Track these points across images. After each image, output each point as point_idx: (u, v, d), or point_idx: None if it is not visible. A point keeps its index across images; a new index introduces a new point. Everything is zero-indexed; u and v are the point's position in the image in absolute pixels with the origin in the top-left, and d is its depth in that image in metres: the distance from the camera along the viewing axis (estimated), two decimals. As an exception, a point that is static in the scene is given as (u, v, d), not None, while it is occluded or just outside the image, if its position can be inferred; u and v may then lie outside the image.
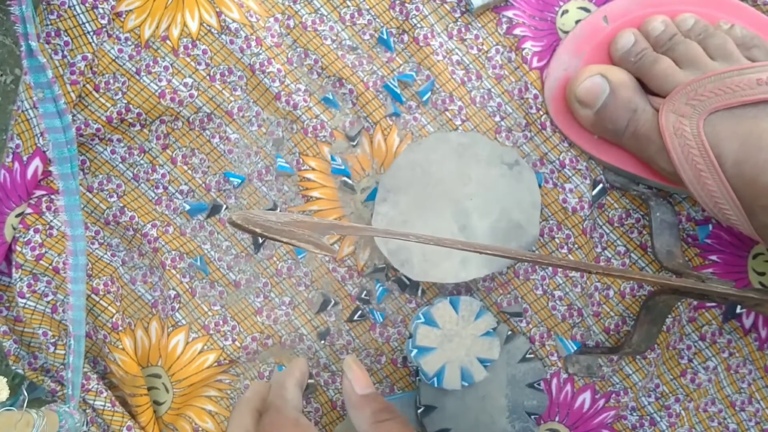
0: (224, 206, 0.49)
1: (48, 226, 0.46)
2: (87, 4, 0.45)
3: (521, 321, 0.47)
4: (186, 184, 0.49)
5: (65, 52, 0.45)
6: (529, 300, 0.47)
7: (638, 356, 0.47)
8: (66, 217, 0.46)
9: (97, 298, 0.47)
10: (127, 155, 0.48)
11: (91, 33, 0.45)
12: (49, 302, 0.47)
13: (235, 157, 0.48)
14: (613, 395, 0.48)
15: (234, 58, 0.47)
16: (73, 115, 0.46)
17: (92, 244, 0.49)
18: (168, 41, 0.47)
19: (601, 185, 0.46)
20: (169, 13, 0.47)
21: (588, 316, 0.47)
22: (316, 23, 0.47)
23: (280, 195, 0.48)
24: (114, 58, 0.46)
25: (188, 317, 0.49)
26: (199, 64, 0.47)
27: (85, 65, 0.45)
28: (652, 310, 0.44)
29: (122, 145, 0.48)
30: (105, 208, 0.48)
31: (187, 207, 0.48)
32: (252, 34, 0.46)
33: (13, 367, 0.47)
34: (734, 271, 0.47)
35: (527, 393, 0.45)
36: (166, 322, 0.49)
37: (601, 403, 0.48)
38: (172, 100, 0.47)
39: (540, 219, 0.45)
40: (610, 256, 0.47)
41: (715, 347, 0.47)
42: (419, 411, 0.45)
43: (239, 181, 0.48)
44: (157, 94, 0.47)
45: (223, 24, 0.46)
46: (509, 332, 0.45)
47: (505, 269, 0.47)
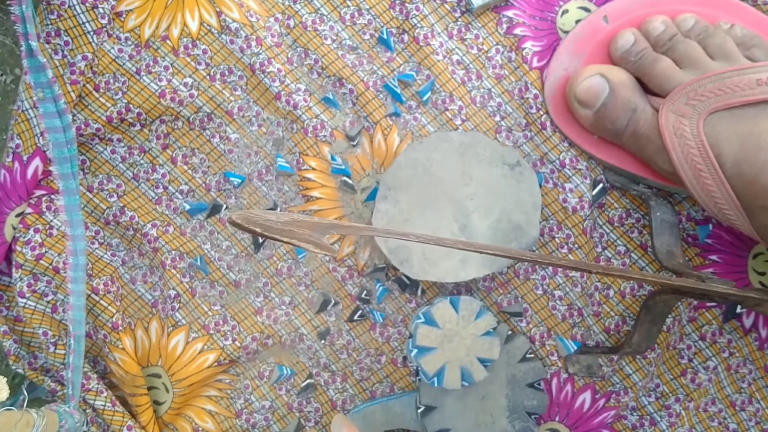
0: (224, 206, 0.49)
1: (48, 226, 0.46)
2: (87, 4, 0.45)
3: (521, 321, 0.47)
4: (186, 183, 0.49)
5: (65, 52, 0.45)
6: (529, 300, 0.47)
7: (638, 356, 0.47)
8: (66, 216, 0.46)
9: (97, 298, 0.47)
10: (127, 155, 0.48)
11: (91, 33, 0.45)
12: (49, 302, 0.47)
13: (235, 157, 0.48)
14: (613, 395, 0.48)
15: (234, 58, 0.47)
16: (73, 115, 0.46)
17: (92, 243, 0.49)
18: (168, 41, 0.47)
19: (601, 185, 0.46)
20: (169, 12, 0.47)
21: (588, 315, 0.47)
22: (316, 23, 0.47)
23: (280, 195, 0.48)
24: (114, 57, 0.46)
25: (188, 317, 0.49)
26: (199, 63, 0.47)
27: (86, 65, 0.45)
28: (653, 310, 0.44)
29: (122, 144, 0.48)
30: (105, 207, 0.48)
31: (187, 207, 0.48)
32: (252, 34, 0.46)
33: (14, 367, 0.47)
34: (734, 270, 0.46)
35: (527, 393, 0.45)
36: (166, 321, 0.49)
37: (601, 402, 0.48)
38: (172, 99, 0.47)
39: (540, 219, 0.45)
40: (610, 255, 0.47)
41: (716, 347, 0.47)
42: (419, 411, 0.45)
43: (239, 180, 0.48)
44: (157, 93, 0.47)
45: (223, 24, 0.46)
46: (509, 332, 0.45)
47: (505, 269, 0.47)
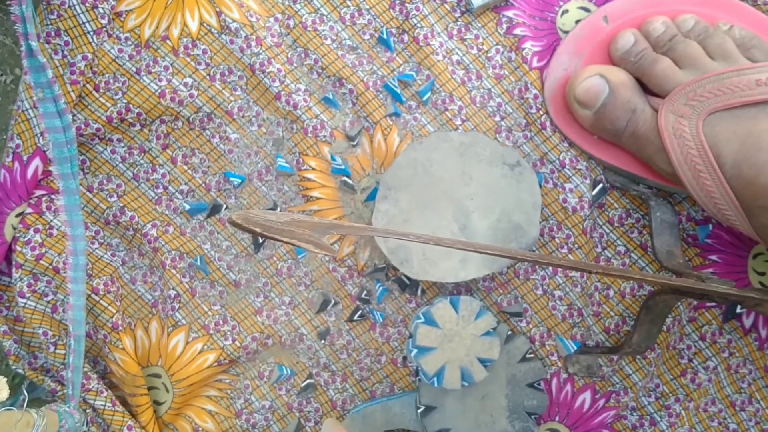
0: (224, 206, 0.49)
1: (48, 226, 0.46)
2: (87, 4, 0.45)
3: (521, 321, 0.47)
4: (186, 183, 0.49)
5: (65, 52, 0.45)
6: (529, 300, 0.47)
7: (638, 356, 0.47)
8: (66, 216, 0.46)
9: (97, 298, 0.47)
10: (127, 155, 0.48)
11: (91, 33, 0.45)
12: (49, 302, 0.47)
13: (235, 157, 0.48)
14: (613, 395, 0.48)
15: (234, 58, 0.47)
16: (73, 115, 0.46)
17: (92, 243, 0.49)
18: (168, 41, 0.47)
19: (601, 185, 0.46)
20: (169, 12, 0.47)
21: (588, 315, 0.47)
22: (316, 23, 0.47)
23: (280, 195, 0.48)
24: (114, 57, 0.46)
25: (188, 317, 0.49)
26: (199, 63, 0.47)
27: (85, 65, 0.45)
28: (652, 310, 0.44)
29: (122, 144, 0.48)
30: (105, 207, 0.48)
31: (187, 207, 0.48)
32: (252, 34, 0.46)
33: (14, 367, 0.47)
34: (734, 271, 0.46)
35: (527, 393, 0.45)
36: (166, 321, 0.49)
37: (601, 402, 0.48)
38: (172, 99, 0.47)
39: (540, 219, 0.45)
40: (610, 255, 0.47)
41: (715, 347, 0.47)
42: (419, 411, 0.45)
43: (239, 180, 0.48)
44: (157, 93, 0.47)
45: (223, 24, 0.46)
46: (509, 332, 0.45)
47: (505, 269, 0.47)
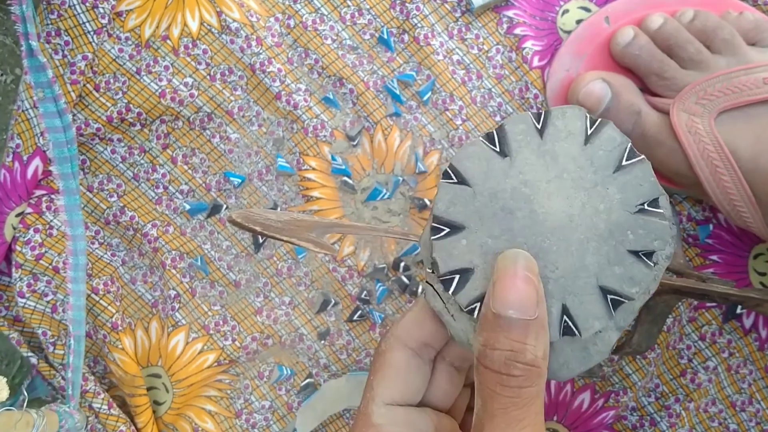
0: (224, 206, 0.49)
1: (48, 226, 0.46)
2: (87, 4, 0.45)
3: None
4: (186, 183, 0.49)
5: (65, 52, 0.45)
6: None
7: (638, 356, 0.47)
8: (66, 216, 0.46)
9: (97, 298, 0.47)
10: (128, 155, 0.48)
11: (92, 33, 0.45)
12: (49, 302, 0.46)
13: (236, 157, 0.48)
14: (613, 395, 0.48)
15: (234, 58, 0.47)
16: (74, 115, 0.46)
17: (92, 243, 0.49)
18: (168, 41, 0.47)
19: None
20: (169, 12, 0.46)
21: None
22: (316, 23, 0.47)
23: (280, 195, 0.48)
24: (114, 57, 0.46)
25: (188, 317, 0.49)
26: (200, 63, 0.47)
27: (86, 65, 0.45)
28: (653, 310, 0.44)
29: (122, 144, 0.48)
30: (105, 207, 0.48)
31: (188, 207, 0.48)
32: (252, 34, 0.46)
33: (27, 355, 0.46)
34: (735, 271, 0.47)
35: (632, 220, 0.28)
36: (166, 322, 0.49)
37: (600, 402, 0.48)
38: (173, 99, 0.47)
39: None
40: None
41: (715, 347, 0.47)
42: (431, 234, 0.29)
43: (239, 180, 0.48)
44: (157, 93, 0.47)
45: (224, 24, 0.46)
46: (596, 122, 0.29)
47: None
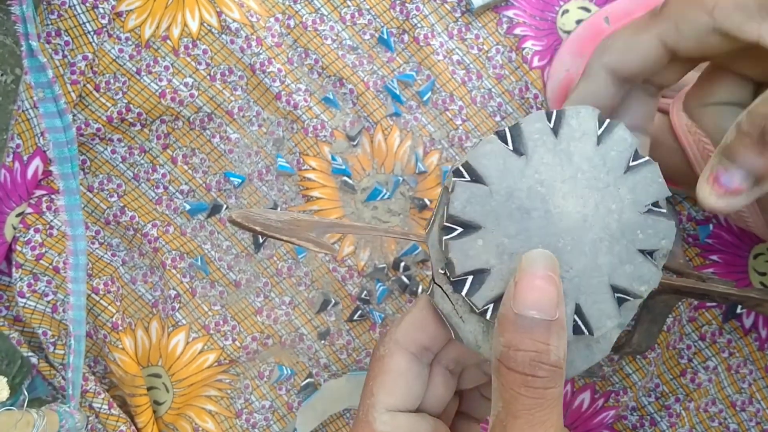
0: (225, 206, 0.49)
1: (48, 226, 0.46)
2: (87, 4, 0.45)
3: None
4: (186, 183, 0.49)
5: (66, 52, 0.45)
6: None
7: (638, 356, 0.47)
8: (66, 216, 0.46)
9: (97, 298, 0.47)
10: (128, 155, 0.48)
11: (92, 33, 0.45)
12: (49, 302, 0.47)
13: (236, 157, 0.48)
14: (613, 395, 0.48)
15: (234, 58, 0.47)
16: (74, 115, 0.46)
17: (92, 243, 0.49)
18: (168, 41, 0.47)
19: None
20: (169, 12, 0.47)
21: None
22: (316, 23, 0.47)
23: (280, 195, 0.48)
24: (114, 57, 0.46)
25: (188, 317, 0.49)
26: (200, 63, 0.47)
27: (86, 65, 0.45)
28: (653, 310, 0.44)
29: (123, 144, 0.48)
30: (105, 207, 0.48)
31: (188, 207, 0.48)
32: (252, 34, 0.46)
33: (27, 355, 0.46)
34: (735, 270, 0.47)
35: (641, 220, 0.28)
36: (166, 321, 0.49)
37: (600, 402, 0.48)
38: (173, 99, 0.47)
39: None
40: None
41: (715, 347, 0.47)
42: (444, 233, 0.28)
43: (239, 180, 0.48)
44: (157, 93, 0.47)
45: (224, 24, 0.46)
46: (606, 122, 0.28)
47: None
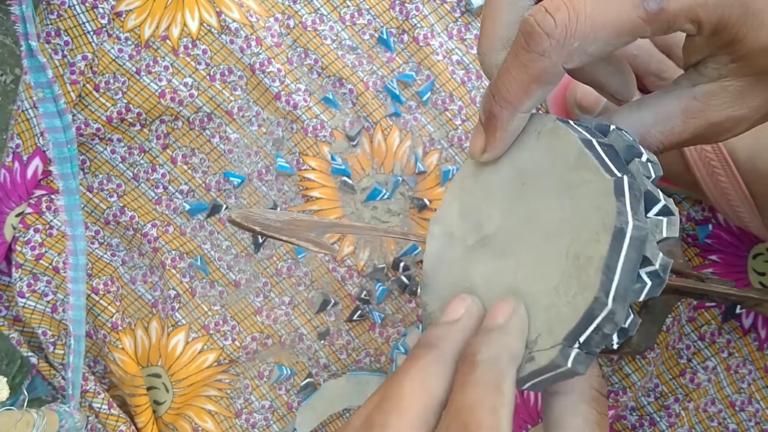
0: (224, 206, 0.49)
1: (48, 226, 0.46)
2: (87, 4, 0.45)
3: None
4: (186, 183, 0.49)
5: (65, 52, 0.45)
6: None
7: (638, 356, 0.47)
8: (66, 216, 0.46)
9: (97, 298, 0.47)
10: (127, 155, 0.48)
11: (91, 33, 0.45)
12: (49, 302, 0.47)
13: (235, 157, 0.48)
14: (612, 395, 0.48)
15: (234, 58, 0.47)
16: (73, 115, 0.46)
17: (92, 243, 0.49)
18: (168, 41, 0.47)
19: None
20: (169, 12, 0.47)
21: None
22: (316, 23, 0.47)
23: (280, 195, 0.48)
24: (114, 57, 0.46)
25: (188, 317, 0.49)
26: (199, 63, 0.47)
27: (85, 65, 0.45)
28: (652, 310, 0.44)
29: (122, 144, 0.48)
30: (105, 207, 0.48)
31: (187, 207, 0.48)
32: (252, 34, 0.46)
33: (27, 355, 0.46)
34: (734, 271, 0.47)
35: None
36: (166, 321, 0.49)
37: (601, 403, 0.48)
38: (172, 99, 0.47)
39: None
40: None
41: (714, 347, 0.47)
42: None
43: (239, 180, 0.48)
44: (157, 93, 0.47)
45: (223, 24, 0.46)
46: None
47: None
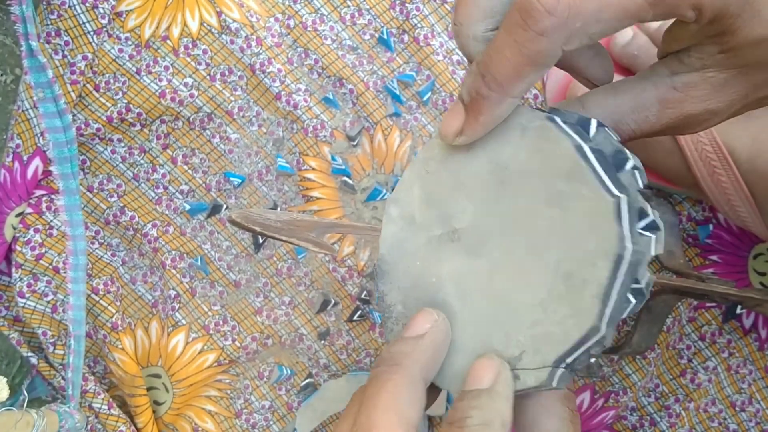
0: (224, 206, 0.49)
1: (48, 226, 0.46)
2: (87, 4, 0.45)
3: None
4: (186, 183, 0.49)
5: (65, 52, 0.45)
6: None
7: (638, 356, 0.47)
8: (66, 216, 0.46)
9: (97, 298, 0.47)
10: (128, 155, 0.48)
11: (92, 33, 0.45)
12: (49, 302, 0.47)
13: (236, 157, 0.48)
14: (612, 395, 0.48)
15: (234, 58, 0.47)
16: (74, 115, 0.46)
17: (92, 243, 0.49)
18: (168, 41, 0.47)
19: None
20: (169, 12, 0.47)
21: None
22: (316, 23, 0.47)
23: (280, 195, 0.48)
24: (114, 57, 0.46)
25: (188, 317, 0.49)
26: (200, 63, 0.47)
27: (86, 65, 0.45)
28: (653, 310, 0.44)
29: (122, 144, 0.48)
30: (105, 207, 0.48)
31: (188, 207, 0.48)
32: (252, 34, 0.46)
33: (27, 355, 0.46)
34: (735, 271, 0.46)
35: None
36: (166, 322, 0.49)
37: (600, 402, 0.48)
38: (173, 99, 0.47)
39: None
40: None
41: (715, 347, 0.47)
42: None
43: (239, 180, 0.48)
44: (157, 93, 0.47)
45: (224, 24, 0.46)
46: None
47: None
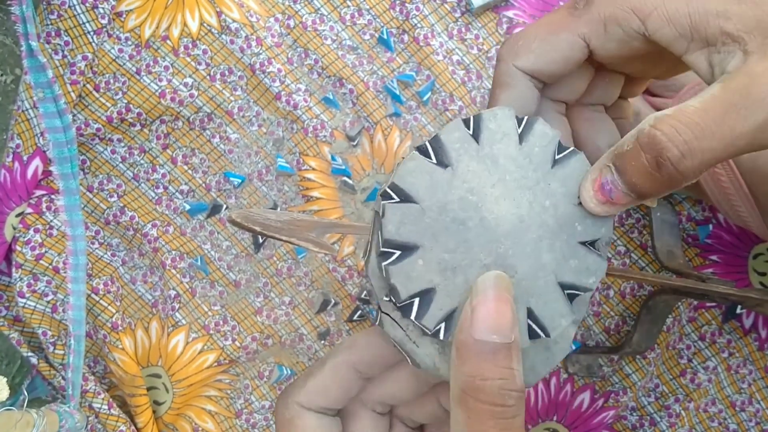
0: (224, 206, 0.49)
1: (48, 226, 0.46)
2: (87, 4, 0.45)
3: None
4: (186, 183, 0.49)
5: (65, 52, 0.45)
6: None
7: (638, 356, 0.47)
8: (66, 216, 0.46)
9: (97, 298, 0.47)
10: (128, 155, 0.48)
11: (92, 33, 0.45)
12: (49, 302, 0.47)
13: (236, 157, 0.48)
14: (613, 395, 0.48)
15: (234, 58, 0.47)
16: (74, 115, 0.46)
17: (92, 243, 0.49)
18: (168, 41, 0.47)
19: (601, 185, 0.46)
20: (169, 12, 0.47)
21: (588, 316, 0.47)
22: (316, 23, 0.47)
23: (280, 195, 0.48)
24: (114, 57, 0.46)
25: (188, 317, 0.49)
26: (200, 63, 0.47)
27: (86, 65, 0.46)
28: (653, 310, 0.44)
29: (122, 144, 0.48)
30: (105, 207, 0.48)
31: (188, 207, 0.48)
32: (252, 34, 0.46)
33: (27, 355, 0.46)
34: (735, 271, 0.47)
35: (577, 212, 0.26)
36: (166, 322, 0.49)
37: (600, 402, 0.48)
38: (173, 99, 0.47)
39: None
40: (610, 255, 0.47)
41: (715, 347, 0.47)
42: (382, 259, 0.26)
43: (239, 180, 0.48)
44: (157, 93, 0.47)
45: (224, 24, 0.46)
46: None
47: None
